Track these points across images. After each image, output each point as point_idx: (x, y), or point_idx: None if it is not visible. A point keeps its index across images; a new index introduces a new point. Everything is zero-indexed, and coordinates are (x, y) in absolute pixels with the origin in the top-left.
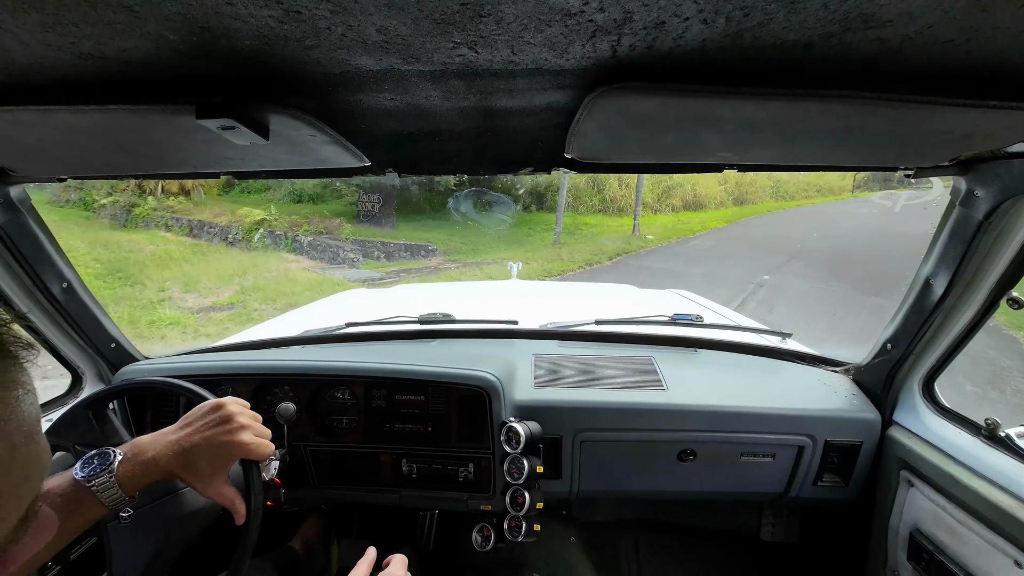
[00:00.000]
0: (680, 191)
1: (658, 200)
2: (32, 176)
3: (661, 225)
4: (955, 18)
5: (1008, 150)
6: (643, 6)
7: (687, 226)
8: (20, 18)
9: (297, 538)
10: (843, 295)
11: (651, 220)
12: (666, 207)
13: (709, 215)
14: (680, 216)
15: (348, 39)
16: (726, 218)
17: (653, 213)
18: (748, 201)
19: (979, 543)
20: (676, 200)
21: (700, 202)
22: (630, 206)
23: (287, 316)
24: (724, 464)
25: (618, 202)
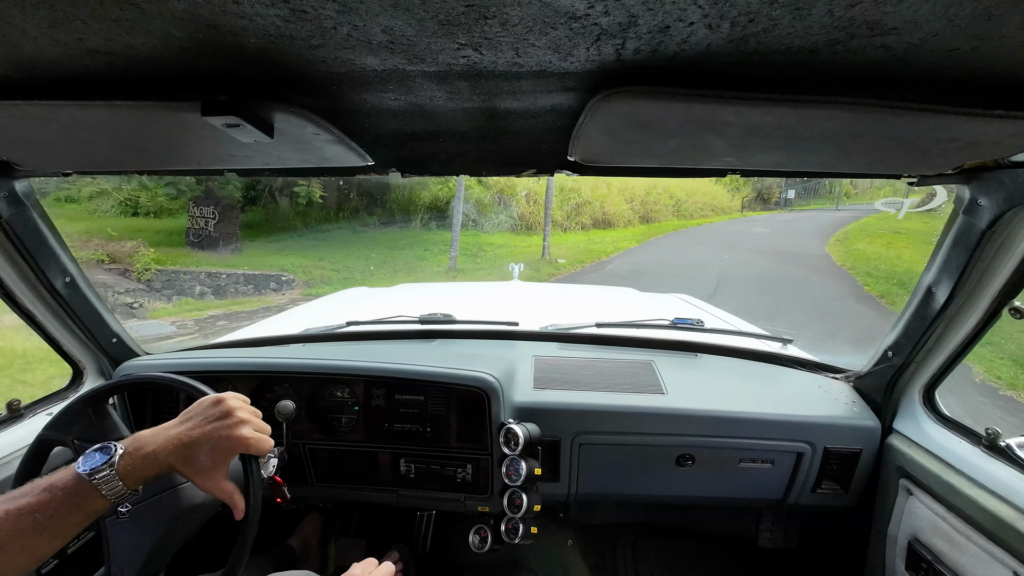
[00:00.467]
0: (590, 209)
1: (568, 218)
2: (37, 170)
3: (572, 245)
4: (961, 26)
5: (1012, 159)
6: (648, 10)
7: (599, 247)
8: (28, 13)
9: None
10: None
11: (561, 239)
12: (576, 225)
13: (619, 234)
14: (591, 235)
15: (353, 39)
16: (636, 237)
17: (563, 231)
18: (653, 219)
19: (978, 553)
20: (586, 218)
21: (609, 220)
22: (541, 223)
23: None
24: (723, 469)
25: (527, 219)
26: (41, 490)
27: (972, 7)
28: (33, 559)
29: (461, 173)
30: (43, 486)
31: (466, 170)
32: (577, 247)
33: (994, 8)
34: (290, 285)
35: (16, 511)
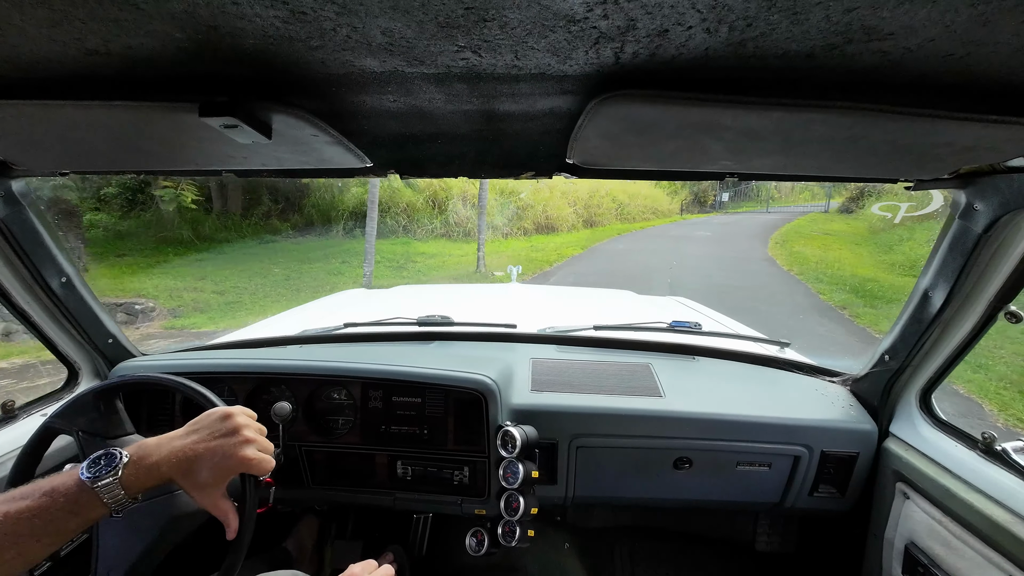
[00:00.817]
0: (532, 213)
1: (509, 223)
2: (34, 170)
3: (513, 253)
4: (956, 32)
5: (1008, 164)
6: (646, 14)
7: (542, 254)
8: (27, 13)
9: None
10: None
11: (501, 247)
12: (518, 231)
13: (563, 239)
14: (533, 241)
15: (353, 41)
16: (580, 243)
17: (504, 238)
18: (597, 223)
19: (974, 557)
20: (528, 223)
21: (552, 224)
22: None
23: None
24: (720, 472)
25: (464, 225)
26: (41, 494)
27: (968, 13)
28: (27, 562)
29: (460, 175)
30: (44, 490)
31: (464, 172)
32: (518, 255)
33: (990, 14)
34: (147, 315)
35: (15, 514)
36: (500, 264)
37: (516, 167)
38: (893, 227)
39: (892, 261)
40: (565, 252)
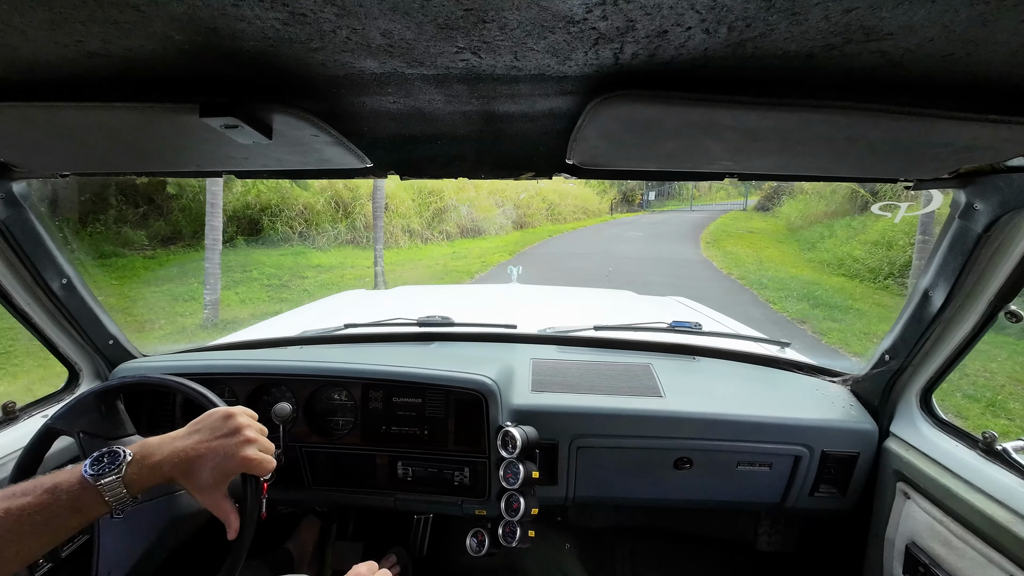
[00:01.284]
0: (455, 215)
1: (428, 227)
2: (35, 172)
3: (431, 262)
4: (956, 32)
5: (1008, 164)
6: (645, 15)
7: (463, 262)
8: (27, 16)
9: (292, 540)
10: None
11: (418, 254)
12: (439, 235)
13: (490, 243)
14: (456, 246)
15: (352, 42)
16: (509, 247)
17: (423, 243)
18: (528, 224)
19: (975, 557)
20: (451, 226)
21: (479, 227)
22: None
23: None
24: (721, 473)
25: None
26: (43, 491)
27: (967, 13)
28: (25, 559)
29: (460, 176)
30: (46, 486)
31: (464, 173)
32: (435, 265)
33: (989, 14)
34: None
35: (17, 510)
36: (411, 277)
37: (516, 168)
38: (811, 224)
39: (820, 259)
40: (491, 259)
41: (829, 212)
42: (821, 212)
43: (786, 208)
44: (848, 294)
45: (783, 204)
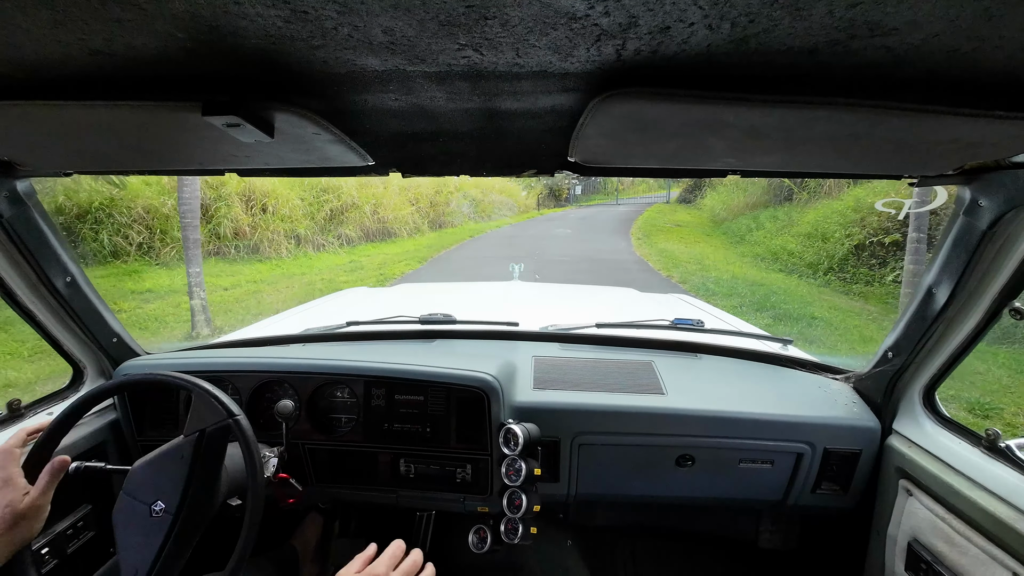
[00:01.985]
0: (356, 215)
1: (321, 231)
2: (39, 170)
3: (311, 277)
4: (961, 27)
5: (1013, 160)
6: (648, 11)
7: (354, 277)
8: (31, 14)
9: (297, 537)
10: None
11: (302, 266)
12: (335, 240)
13: (400, 247)
14: (355, 253)
15: (354, 39)
16: (420, 253)
17: (315, 251)
18: (447, 224)
19: (977, 554)
20: (350, 229)
21: (389, 229)
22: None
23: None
24: (723, 470)
25: (247, 237)
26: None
27: (973, 8)
28: None
29: (461, 173)
30: None
31: (466, 170)
32: (316, 281)
33: (995, 9)
34: None
35: None
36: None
37: (518, 165)
38: (736, 216)
39: (753, 253)
40: (392, 270)
41: (750, 203)
42: (743, 203)
43: (708, 200)
44: (799, 297)
45: (705, 196)
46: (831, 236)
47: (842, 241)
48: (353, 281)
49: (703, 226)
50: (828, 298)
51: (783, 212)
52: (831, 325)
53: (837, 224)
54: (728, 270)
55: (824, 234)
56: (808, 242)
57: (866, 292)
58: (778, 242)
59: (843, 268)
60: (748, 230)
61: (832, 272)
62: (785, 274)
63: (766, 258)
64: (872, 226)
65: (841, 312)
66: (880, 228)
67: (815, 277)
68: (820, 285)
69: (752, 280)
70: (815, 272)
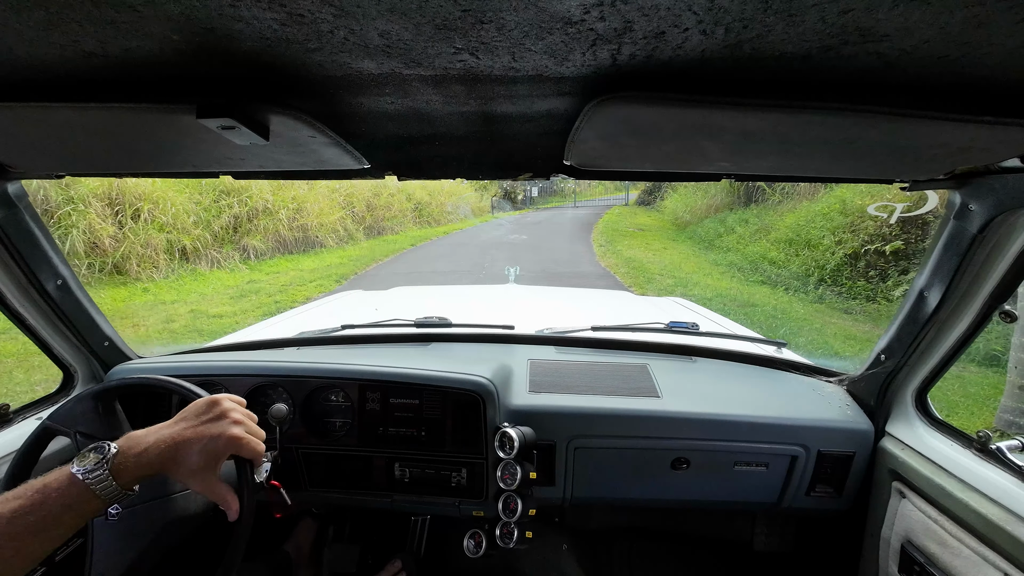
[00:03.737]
0: (269, 221)
1: (218, 242)
2: (31, 173)
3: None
4: (951, 33)
5: (1002, 165)
6: (643, 16)
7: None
8: (24, 16)
9: (290, 542)
10: None
11: (177, 291)
12: (237, 252)
13: (319, 261)
14: (260, 270)
15: (350, 43)
16: (342, 269)
17: (208, 268)
18: (386, 230)
19: (970, 555)
20: (258, 239)
21: (311, 238)
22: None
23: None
24: (718, 473)
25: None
26: (34, 491)
27: (962, 15)
28: (28, 560)
29: (457, 176)
30: (36, 487)
31: (462, 173)
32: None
33: (984, 16)
34: None
35: (10, 513)
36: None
37: (514, 168)
38: (700, 219)
39: (727, 262)
40: (298, 293)
41: (712, 205)
42: (704, 205)
43: (668, 202)
44: (800, 319)
45: (665, 198)
46: (818, 243)
47: (832, 249)
48: (231, 312)
49: (666, 230)
50: (833, 321)
51: (753, 215)
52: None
53: (823, 229)
54: (709, 285)
55: (809, 241)
56: (791, 249)
57: (871, 310)
58: (755, 249)
59: (836, 280)
60: (717, 234)
61: (824, 285)
62: (770, 287)
63: (744, 267)
64: (867, 232)
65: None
66: (877, 234)
67: (807, 292)
68: (813, 300)
69: (742, 300)
70: (805, 286)
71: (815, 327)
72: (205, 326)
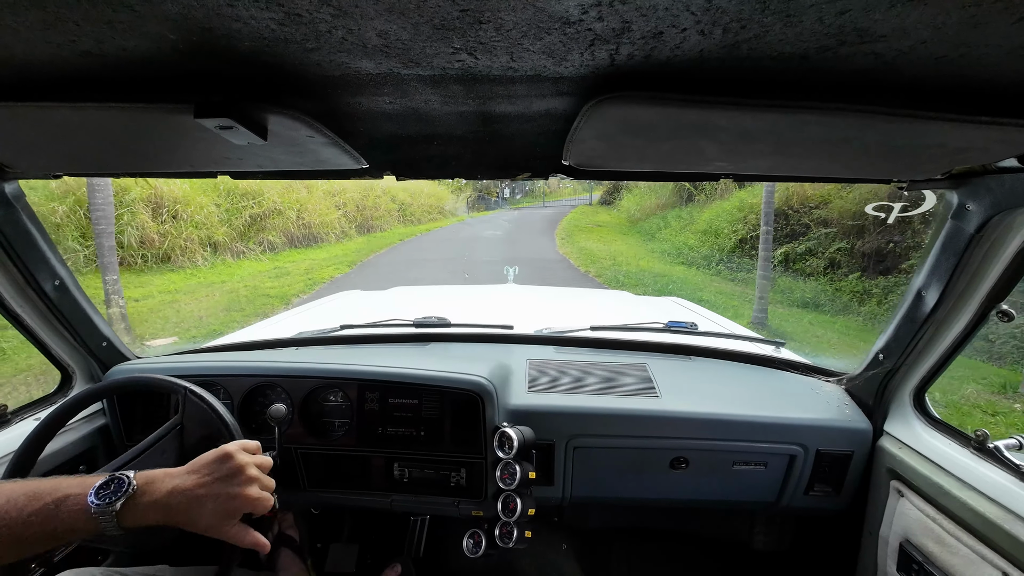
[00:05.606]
0: (280, 220)
1: (240, 237)
2: (28, 172)
3: (233, 285)
4: (948, 34)
5: (999, 164)
6: (641, 16)
7: (280, 284)
8: (21, 15)
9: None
10: None
11: (222, 274)
12: (257, 247)
13: (326, 253)
14: (279, 260)
15: (348, 42)
16: (348, 257)
17: (234, 258)
18: (375, 228)
19: (968, 554)
20: (273, 235)
21: (314, 234)
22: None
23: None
24: (716, 472)
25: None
26: (52, 499)
27: (959, 15)
28: (15, 557)
29: (456, 176)
30: (56, 496)
31: (461, 173)
32: (239, 288)
33: (980, 17)
34: None
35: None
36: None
37: (512, 168)
38: (648, 216)
39: (661, 249)
40: (320, 275)
41: (661, 204)
42: (654, 204)
43: (625, 202)
44: (693, 284)
45: (623, 198)
46: (721, 232)
47: (729, 236)
48: (279, 287)
49: (620, 226)
50: (717, 284)
51: (686, 212)
52: (714, 305)
53: (726, 222)
54: (638, 265)
55: (716, 231)
56: (704, 238)
57: (746, 279)
58: (681, 239)
59: (730, 259)
60: (658, 228)
61: (722, 263)
62: (686, 266)
63: (671, 253)
64: (752, 223)
65: (724, 295)
66: (758, 224)
67: (709, 268)
68: (713, 274)
69: (657, 272)
70: (709, 264)
71: (706, 288)
72: (263, 292)
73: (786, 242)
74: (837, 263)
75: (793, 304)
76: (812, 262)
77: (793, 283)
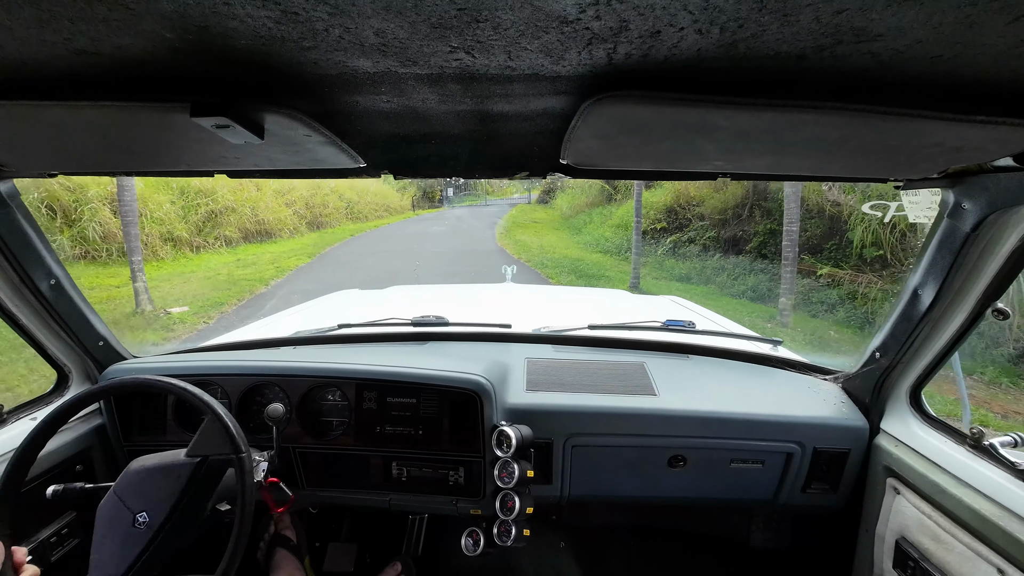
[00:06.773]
0: (235, 217)
1: (198, 232)
2: (23, 172)
3: (207, 273)
4: (944, 34)
5: (994, 164)
6: (639, 15)
7: (252, 270)
8: (14, 13)
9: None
10: None
11: (189, 265)
12: (215, 241)
13: (283, 247)
14: (239, 253)
15: (345, 41)
16: (306, 250)
17: (194, 252)
18: (325, 225)
19: (963, 551)
20: (230, 230)
21: (268, 230)
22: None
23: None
24: (714, 470)
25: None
26: None
27: (955, 15)
28: None
29: (454, 175)
30: None
31: (459, 172)
32: (215, 276)
33: (976, 16)
34: None
35: None
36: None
37: (510, 167)
38: (578, 213)
39: (584, 241)
40: (286, 264)
41: (589, 202)
42: (584, 202)
43: (559, 200)
44: (602, 266)
45: (557, 197)
46: (628, 225)
47: (630, 228)
48: (251, 274)
49: (554, 222)
50: (621, 267)
51: (608, 209)
52: (614, 281)
53: (630, 216)
54: (562, 252)
55: (627, 224)
56: (618, 231)
57: (645, 263)
58: (601, 232)
59: None
60: (584, 224)
61: (629, 251)
62: (602, 254)
63: (591, 243)
64: (651, 218)
65: (623, 273)
66: (656, 219)
67: (619, 255)
68: (621, 260)
69: (575, 258)
70: (619, 251)
71: (612, 269)
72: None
73: (674, 232)
74: (707, 247)
75: (673, 279)
76: (691, 248)
77: (675, 263)
